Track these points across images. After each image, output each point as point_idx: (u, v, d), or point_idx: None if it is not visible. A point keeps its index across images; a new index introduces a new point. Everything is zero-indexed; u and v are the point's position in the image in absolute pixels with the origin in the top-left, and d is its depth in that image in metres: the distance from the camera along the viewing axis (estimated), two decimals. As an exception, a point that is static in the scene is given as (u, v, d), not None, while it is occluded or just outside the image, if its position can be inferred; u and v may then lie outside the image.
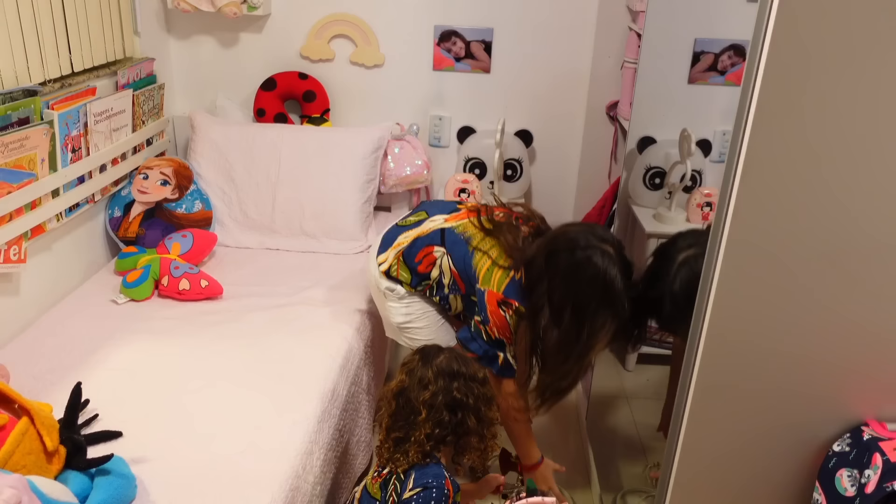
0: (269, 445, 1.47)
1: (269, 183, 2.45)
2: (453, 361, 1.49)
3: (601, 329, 1.60)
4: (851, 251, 1.15)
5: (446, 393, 1.44)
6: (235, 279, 2.18)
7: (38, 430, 1.27)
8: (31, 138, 1.79)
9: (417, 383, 1.46)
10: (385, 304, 1.86)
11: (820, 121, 1.08)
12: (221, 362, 1.74)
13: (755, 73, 1.07)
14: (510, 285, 1.65)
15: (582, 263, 1.58)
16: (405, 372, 1.50)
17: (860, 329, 1.20)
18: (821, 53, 1.04)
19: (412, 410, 1.45)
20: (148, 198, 2.32)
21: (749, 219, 1.14)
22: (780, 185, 1.12)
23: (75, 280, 2.14)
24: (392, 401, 1.48)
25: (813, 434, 1.28)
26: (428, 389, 1.44)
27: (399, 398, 1.47)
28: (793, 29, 1.03)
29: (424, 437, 1.43)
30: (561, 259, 1.60)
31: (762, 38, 1.05)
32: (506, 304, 1.64)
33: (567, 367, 1.65)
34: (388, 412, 1.48)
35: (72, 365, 1.70)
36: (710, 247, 1.20)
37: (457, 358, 1.51)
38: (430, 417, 1.43)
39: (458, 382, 1.45)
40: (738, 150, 1.12)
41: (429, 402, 1.43)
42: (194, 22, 2.58)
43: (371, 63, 2.61)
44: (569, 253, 1.60)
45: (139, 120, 2.33)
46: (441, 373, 1.46)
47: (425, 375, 1.46)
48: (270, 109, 2.61)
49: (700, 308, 1.23)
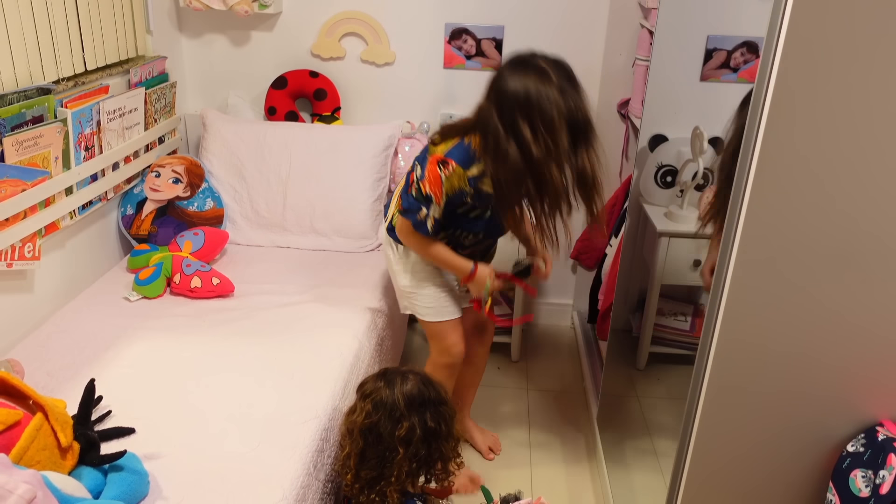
0: (281, 443, 1.48)
1: (280, 181, 2.46)
2: (420, 386, 1.43)
3: (558, 129, 1.57)
4: (866, 251, 1.14)
5: (422, 426, 1.38)
6: (246, 277, 2.19)
7: (53, 426, 1.28)
8: (45, 136, 1.81)
9: (388, 417, 1.38)
10: (393, 267, 1.92)
11: (833, 120, 1.07)
12: (232, 360, 1.75)
13: (769, 70, 1.06)
14: (455, 148, 1.69)
15: (519, 72, 1.58)
16: (371, 403, 1.41)
17: (874, 329, 1.19)
18: (836, 51, 1.03)
19: (386, 447, 1.38)
20: (160, 196, 2.33)
21: (762, 219, 1.13)
22: (794, 185, 1.11)
23: (88, 277, 2.15)
24: (359, 438, 1.40)
25: (826, 434, 1.27)
26: (402, 425, 1.37)
27: (368, 435, 1.39)
28: (808, 26, 1.02)
29: (404, 475, 1.37)
30: (500, 82, 1.60)
31: (777, 36, 1.05)
32: (444, 164, 1.68)
33: (547, 176, 1.61)
34: (356, 450, 1.40)
35: (85, 361, 1.72)
36: (723, 247, 1.19)
37: (422, 381, 1.45)
38: (407, 455, 1.37)
39: (429, 412, 1.40)
40: (752, 148, 1.11)
41: (405, 439, 1.37)
42: (206, 20, 2.59)
43: (382, 61, 2.61)
44: (507, 71, 1.60)
45: (151, 118, 2.34)
46: (412, 403, 1.39)
47: (396, 408, 1.39)
48: (281, 107, 2.62)
49: (713, 309, 1.23)
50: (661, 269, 2.27)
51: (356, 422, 1.42)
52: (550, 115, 1.55)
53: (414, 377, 1.46)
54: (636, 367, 2.52)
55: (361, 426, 1.40)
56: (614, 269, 2.44)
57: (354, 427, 1.42)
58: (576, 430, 2.36)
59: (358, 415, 1.42)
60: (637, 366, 2.52)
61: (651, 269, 2.37)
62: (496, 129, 1.59)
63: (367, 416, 1.40)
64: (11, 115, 1.72)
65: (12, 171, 1.72)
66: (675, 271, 2.19)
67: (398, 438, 1.37)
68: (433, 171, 1.68)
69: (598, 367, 2.54)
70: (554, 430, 2.36)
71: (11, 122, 1.72)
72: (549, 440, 2.31)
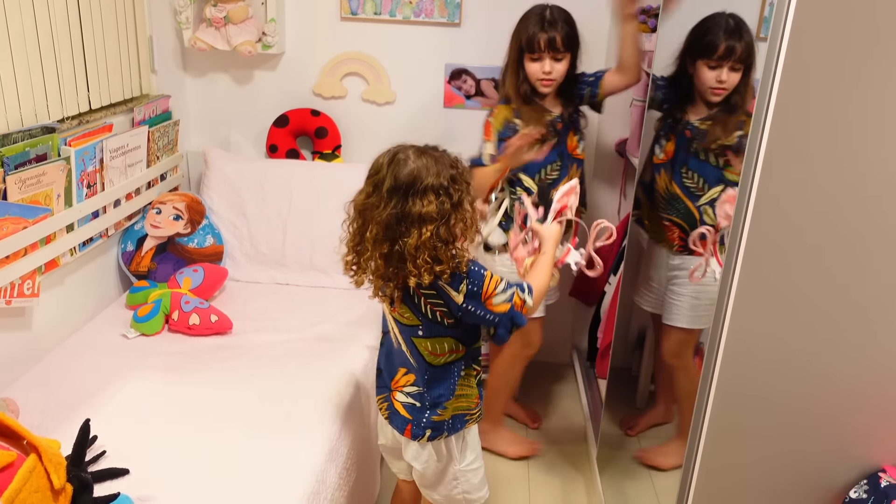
0: (276, 485, 1.46)
1: (280, 218, 2.47)
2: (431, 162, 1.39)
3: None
4: (874, 289, 1.14)
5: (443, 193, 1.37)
6: (245, 314, 2.18)
7: (46, 467, 1.27)
8: (48, 174, 1.82)
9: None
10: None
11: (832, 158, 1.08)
12: (230, 399, 1.74)
13: (765, 110, 1.08)
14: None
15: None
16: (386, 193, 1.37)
17: (876, 374, 1.19)
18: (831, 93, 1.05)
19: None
20: (161, 232, 2.34)
21: (762, 256, 1.14)
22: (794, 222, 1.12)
23: (87, 314, 2.15)
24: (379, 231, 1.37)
25: (829, 481, 1.25)
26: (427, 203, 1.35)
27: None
28: (803, 68, 1.04)
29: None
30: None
31: (772, 76, 1.06)
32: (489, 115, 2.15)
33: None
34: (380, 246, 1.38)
35: (81, 400, 1.70)
36: (723, 281, 1.19)
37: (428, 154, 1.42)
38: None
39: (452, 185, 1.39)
40: (750, 187, 1.12)
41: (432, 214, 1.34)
42: (210, 60, 2.63)
43: (382, 100, 2.65)
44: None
45: (154, 155, 2.37)
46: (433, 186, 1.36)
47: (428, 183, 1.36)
48: (283, 145, 2.65)
49: (712, 350, 1.22)
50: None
51: (356, 201, 1.43)
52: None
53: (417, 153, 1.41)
54: (636, 407, 2.50)
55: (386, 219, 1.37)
56: (613, 307, 2.44)
57: (356, 206, 1.43)
58: (575, 470, 2.33)
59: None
60: (637, 405, 2.50)
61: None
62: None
63: (366, 196, 1.40)
64: (16, 153, 1.73)
65: (14, 209, 1.73)
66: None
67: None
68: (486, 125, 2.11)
69: (597, 406, 2.52)
70: (553, 470, 2.33)
71: (15, 160, 1.74)
72: (547, 480, 2.28)
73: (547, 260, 1.57)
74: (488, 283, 1.42)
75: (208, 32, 2.48)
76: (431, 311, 1.44)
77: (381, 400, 1.62)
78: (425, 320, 1.46)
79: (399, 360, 1.55)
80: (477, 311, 1.42)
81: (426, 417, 1.51)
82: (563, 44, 2.03)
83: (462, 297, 1.40)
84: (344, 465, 1.68)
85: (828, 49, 1.04)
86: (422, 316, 1.46)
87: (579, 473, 2.32)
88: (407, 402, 1.53)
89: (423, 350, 1.49)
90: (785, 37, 1.04)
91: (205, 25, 2.49)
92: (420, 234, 1.33)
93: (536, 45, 2.02)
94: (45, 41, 1.88)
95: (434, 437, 1.52)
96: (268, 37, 2.50)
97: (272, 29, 2.49)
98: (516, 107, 2.10)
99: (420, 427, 1.51)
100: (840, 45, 1.04)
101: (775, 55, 1.06)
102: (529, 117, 2.09)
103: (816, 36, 1.03)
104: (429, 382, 1.51)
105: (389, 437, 1.63)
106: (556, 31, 2.02)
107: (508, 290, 1.44)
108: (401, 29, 2.57)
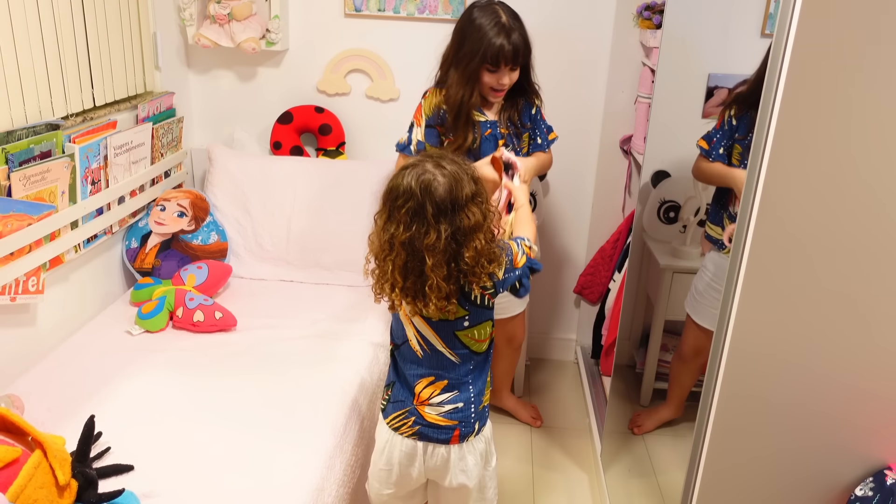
0: (280, 481, 1.46)
1: (284, 215, 2.47)
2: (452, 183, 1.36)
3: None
4: (877, 289, 1.14)
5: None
6: (249, 311, 2.18)
7: (51, 463, 1.27)
8: (53, 171, 1.83)
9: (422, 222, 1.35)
10: None
11: (837, 159, 1.08)
12: (234, 395, 1.74)
13: (772, 105, 1.07)
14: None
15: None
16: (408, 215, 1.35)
17: (882, 371, 1.18)
18: (835, 90, 1.04)
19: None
20: (165, 229, 2.34)
21: (768, 254, 1.13)
22: (799, 222, 1.11)
23: (91, 311, 2.15)
24: (401, 250, 1.37)
25: (834, 478, 1.25)
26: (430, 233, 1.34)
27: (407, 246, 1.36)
28: (809, 66, 1.03)
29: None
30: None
31: (778, 73, 1.06)
32: (423, 97, 2.13)
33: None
34: (399, 263, 1.38)
35: (85, 397, 1.71)
36: (728, 282, 1.19)
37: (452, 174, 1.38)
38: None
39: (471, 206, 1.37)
40: (755, 187, 1.11)
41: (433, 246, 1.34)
42: (214, 57, 2.63)
43: (386, 97, 2.64)
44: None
45: (158, 152, 2.37)
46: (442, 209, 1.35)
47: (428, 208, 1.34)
48: (287, 142, 2.65)
49: (717, 348, 1.22)
50: (665, 304, 2.26)
51: (395, 235, 1.37)
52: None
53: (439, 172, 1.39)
54: (640, 404, 2.49)
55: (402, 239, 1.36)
56: (618, 305, 2.43)
57: (395, 240, 1.38)
58: (580, 467, 2.33)
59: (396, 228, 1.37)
60: (641, 402, 2.50)
61: (655, 305, 2.37)
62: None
63: (406, 228, 1.36)
64: (20, 150, 1.74)
65: (19, 206, 1.73)
66: (679, 307, 2.18)
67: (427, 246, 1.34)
68: (417, 108, 2.08)
69: (602, 404, 2.51)
70: (557, 468, 2.33)
71: (20, 157, 1.74)
72: (552, 478, 2.28)
73: (526, 210, 1.62)
74: (513, 247, 1.48)
75: (212, 29, 2.48)
76: (481, 298, 1.45)
77: (401, 416, 1.51)
78: (473, 308, 1.45)
79: (425, 368, 1.50)
80: (511, 276, 1.46)
81: (473, 411, 1.50)
82: (522, 54, 1.94)
83: (502, 272, 1.43)
84: (348, 461, 1.68)
85: (834, 44, 1.03)
86: (470, 305, 1.44)
87: (584, 471, 2.32)
88: (446, 410, 1.49)
89: (468, 341, 1.47)
90: (791, 32, 1.03)
91: (209, 22, 2.48)
92: (476, 245, 1.35)
93: (503, 59, 1.91)
94: (49, 38, 1.88)
95: (481, 429, 1.53)
96: (271, 33, 2.50)
97: (276, 26, 2.49)
98: (447, 107, 2.01)
99: (469, 425, 1.50)
100: (846, 42, 1.03)
101: (781, 51, 1.05)
102: (454, 127, 2.01)
103: (822, 31, 1.02)
104: (473, 372, 1.50)
105: (406, 477, 1.53)
106: (516, 39, 1.91)
107: (520, 246, 1.50)
108: (404, 25, 2.56)
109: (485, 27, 1.91)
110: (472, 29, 1.94)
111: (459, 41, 1.98)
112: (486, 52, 1.91)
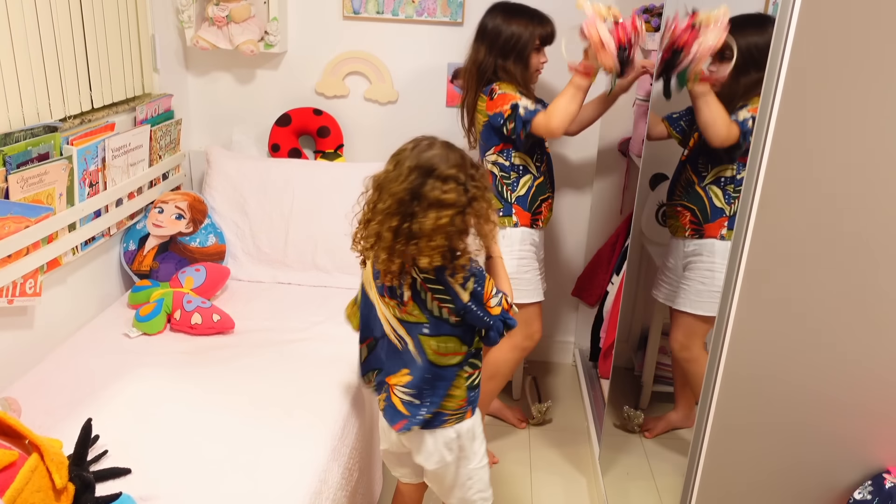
0: (279, 484, 1.46)
1: (282, 217, 2.47)
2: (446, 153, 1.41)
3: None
4: (875, 293, 1.14)
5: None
6: (247, 313, 2.18)
7: (48, 467, 1.26)
8: (50, 173, 1.82)
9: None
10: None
11: (835, 162, 1.08)
12: (231, 398, 1.74)
13: (772, 105, 1.07)
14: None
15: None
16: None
17: (880, 375, 1.18)
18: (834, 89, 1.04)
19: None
20: (163, 231, 2.34)
21: (766, 259, 1.13)
22: (797, 224, 1.11)
23: (89, 313, 2.15)
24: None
25: (834, 481, 1.25)
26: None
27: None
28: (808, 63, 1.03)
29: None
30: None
31: (777, 76, 1.06)
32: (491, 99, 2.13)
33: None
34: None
35: (83, 400, 1.70)
36: (727, 284, 1.19)
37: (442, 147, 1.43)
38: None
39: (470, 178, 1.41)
40: (754, 188, 1.11)
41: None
42: (212, 59, 2.63)
43: (385, 99, 2.64)
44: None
45: (156, 155, 2.36)
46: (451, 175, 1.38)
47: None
48: (285, 144, 2.64)
49: (716, 350, 1.22)
50: (663, 307, 2.27)
51: (378, 177, 1.45)
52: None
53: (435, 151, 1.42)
54: (639, 407, 2.49)
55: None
56: (616, 307, 2.43)
57: (377, 181, 1.45)
58: (578, 470, 2.33)
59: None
60: (640, 405, 2.50)
61: (653, 308, 2.37)
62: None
63: (385, 172, 1.43)
64: (18, 152, 1.73)
65: (16, 208, 1.73)
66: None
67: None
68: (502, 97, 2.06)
69: (600, 406, 2.51)
70: (556, 470, 2.33)
71: (17, 159, 1.73)
72: (550, 480, 2.28)
73: (500, 262, 1.62)
74: (488, 284, 1.47)
75: (210, 31, 2.48)
76: (438, 308, 1.46)
77: (382, 398, 1.63)
78: (432, 317, 1.47)
79: (405, 359, 1.54)
80: (478, 312, 1.46)
81: (425, 413, 1.52)
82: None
83: (468, 296, 1.43)
84: (346, 464, 1.67)
85: (833, 44, 1.03)
86: (428, 313, 1.47)
87: (582, 474, 2.31)
88: (404, 400, 1.54)
89: (428, 349, 1.49)
90: (791, 32, 1.03)
91: (207, 24, 2.48)
92: (438, 218, 1.36)
93: (553, 38, 2.12)
94: (47, 40, 1.88)
95: (440, 426, 1.54)
96: (270, 36, 2.50)
97: (274, 28, 2.49)
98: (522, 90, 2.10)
99: (418, 423, 1.53)
100: (845, 41, 1.03)
101: (780, 51, 1.06)
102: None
103: (822, 31, 1.03)
104: (429, 382, 1.51)
105: (394, 441, 1.63)
106: (548, 20, 2.13)
107: (499, 294, 1.49)
108: (403, 28, 2.56)
109: (521, 13, 2.12)
110: (513, 19, 2.10)
111: (493, 37, 2.11)
112: (537, 33, 2.10)
